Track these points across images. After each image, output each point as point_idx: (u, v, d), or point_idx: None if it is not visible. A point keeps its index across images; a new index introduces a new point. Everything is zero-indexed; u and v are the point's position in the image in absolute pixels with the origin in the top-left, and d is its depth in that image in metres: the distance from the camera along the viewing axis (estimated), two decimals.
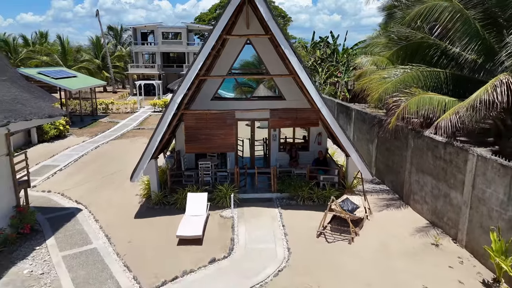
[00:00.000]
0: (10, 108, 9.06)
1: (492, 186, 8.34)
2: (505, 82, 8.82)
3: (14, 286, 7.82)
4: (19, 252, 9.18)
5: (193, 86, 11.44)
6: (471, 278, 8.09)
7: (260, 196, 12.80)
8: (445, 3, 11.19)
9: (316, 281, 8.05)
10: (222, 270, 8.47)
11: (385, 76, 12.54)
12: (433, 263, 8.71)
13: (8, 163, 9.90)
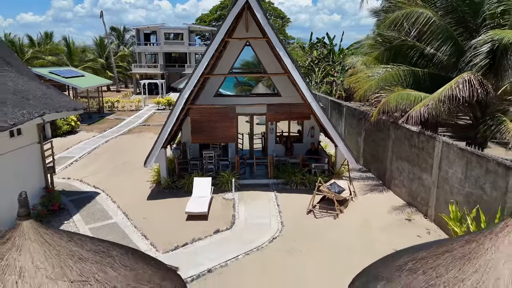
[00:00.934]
0: (43, 102, 10.58)
1: (453, 167, 9.87)
2: (467, 79, 10.35)
3: None
4: (51, 225, 10.69)
5: (198, 83, 12.96)
6: None
7: (258, 182, 14.32)
8: (421, 10, 12.70)
9: (304, 246, 9.57)
10: (225, 239, 10.00)
11: (370, 74, 14.06)
12: (404, 234, 10.24)
13: (39, 150, 11.43)
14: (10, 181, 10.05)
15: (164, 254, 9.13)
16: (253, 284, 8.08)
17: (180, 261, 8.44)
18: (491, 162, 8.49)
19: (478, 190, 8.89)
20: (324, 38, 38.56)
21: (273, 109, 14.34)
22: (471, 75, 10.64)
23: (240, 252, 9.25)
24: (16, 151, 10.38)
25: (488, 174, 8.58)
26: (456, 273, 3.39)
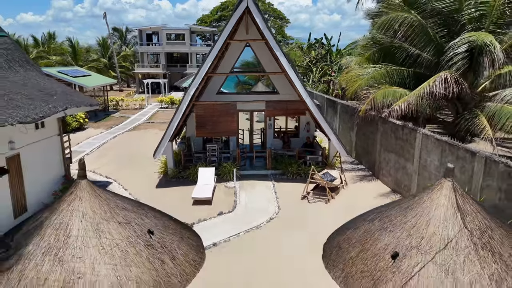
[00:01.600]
0: (64, 98, 11.79)
1: (431, 155, 11.08)
2: (444, 77, 11.56)
3: None
4: None
5: (203, 81, 14.18)
6: None
7: (257, 172, 15.52)
8: (405, 14, 13.91)
9: (297, 224, 10.78)
10: (227, 219, 11.22)
11: (360, 73, 15.29)
12: None
13: (59, 142, 12.65)
14: (37, 168, 11.27)
15: None
16: (252, 253, 9.29)
17: None
18: (460, 150, 9.71)
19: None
20: (322, 38, 39.79)
21: (271, 106, 15.55)
22: (448, 73, 11.86)
23: (241, 230, 10.47)
24: (40, 141, 11.59)
25: (458, 160, 9.79)
26: (401, 218, 4.61)
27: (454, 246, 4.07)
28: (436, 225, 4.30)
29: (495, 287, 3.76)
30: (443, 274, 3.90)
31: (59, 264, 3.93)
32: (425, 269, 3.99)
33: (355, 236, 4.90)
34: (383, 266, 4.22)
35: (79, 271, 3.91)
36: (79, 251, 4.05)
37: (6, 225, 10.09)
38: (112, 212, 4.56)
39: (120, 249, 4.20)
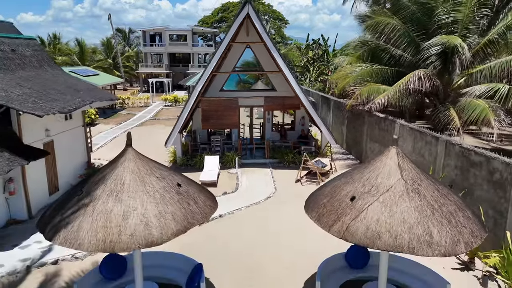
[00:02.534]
0: (89, 93, 13.58)
1: (406, 142, 12.86)
2: (417, 75, 13.34)
3: None
4: None
5: (208, 79, 15.94)
6: None
7: (257, 161, 17.30)
8: (388, 19, 15.69)
9: (290, 201, 12.56)
10: (231, 198, 13.00)
11: (348, 72, 17.05)
12: None
13: (83, 132, 14.43)
14: (66, 154, 13.05)
15: None
16: (252, 224, 11.07)
17: None
18: (428, 136, 11.49)
19: (420, 157, 11.88)
20: (319, 39, 41.56)
21: (269, 101, 17.33)
22: (422, 72, 13.63)
23: (242, 205, 12.26)
24: (69, 131, 13.37)
25: (426, 145, 11.56)
26: (359, 175, 6.40)
27: (393, 190, 5.84)
28: (382, 177, 6.08)
29: (417, 214, 5.52)
30: (383, 208, 5.67)
31: (119, 202, 5.71)
32: (372, 205, 5.76)
33: (326, 190, 6.68)
34: (344, 206, 5.99)
35: (134, 206, 5.68)
36: (132, 194, 5.82)
37: (43, 202, 11.88)
38: (151, 170, 6.34)
39: (159, 193, 5.97)
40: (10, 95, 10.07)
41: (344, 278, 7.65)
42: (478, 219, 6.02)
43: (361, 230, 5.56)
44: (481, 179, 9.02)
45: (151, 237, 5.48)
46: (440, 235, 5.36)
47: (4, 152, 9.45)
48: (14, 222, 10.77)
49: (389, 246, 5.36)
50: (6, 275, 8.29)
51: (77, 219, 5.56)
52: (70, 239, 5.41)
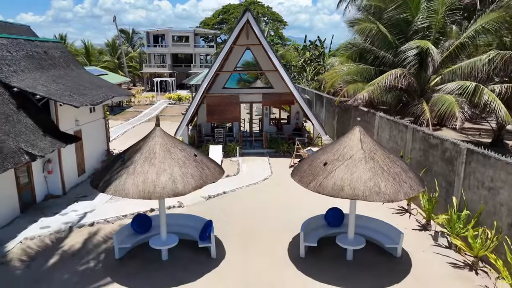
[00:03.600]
0: (110, 89, 15.63)
1: (384, 131, 14.92)
2: (394, 73, 15.40)
3: None
4: None
5: (213, 78, 17.99)
6: None
7: (256, 151, 19.36)
8: (372, 25, 17.75)
9: (284, 182, 14.61)
10: (233, 179, 15.06)
11: (337, 71, 19.11)
12: None
13: (104, 123, 16.48)
14: (91, 142, 15.11)
15: None
16: (251, 198, 13.13)
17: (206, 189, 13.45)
18: (400, 125, 13.54)
19: (395, 144, 13.94)
20: (316, 40, 43.63)
21: (267, 97, 19.40)
22: (399, 70, 15.69)
23: (243, 185, 14.33)
24: (93, 122, 15.43)
25: (399, 133, 13.62)
26: (331, 147, 8.47)
27: (354, 157, 7.90)
28: (347, 148, 8.13)
29: (370, 174, 7.57)
30: (346, 170, 7.72)
31: (153, 165, 7.76)
32: (339, 168, 7.81)
33: (307, 160, 8.74)
34: (319, 169, 8.05)
35: (163, 168, 7.73)
36: (162, 160, 7.88)
37: (73, 181, 13.95)
38: (174, 144, 8.41)
39: (181, 160, 8.03)
40: (50, 90, 12.14)
41: (323, 233, 9.70)
42: (418, 179, 8.09)
43: (330, 185, 7.63)
44: (437, 157, 11.08)
45: (177, 189, 7.55)
46: (386, 187, 7.42)
47: (47, 136, 11.50)
48: (51, 197, 12.83)
49: (349, 195, 7.43)
50: (54, 233, 10.36)
51: (122, 177, 7.63)
52: (119, 190, 7.47)
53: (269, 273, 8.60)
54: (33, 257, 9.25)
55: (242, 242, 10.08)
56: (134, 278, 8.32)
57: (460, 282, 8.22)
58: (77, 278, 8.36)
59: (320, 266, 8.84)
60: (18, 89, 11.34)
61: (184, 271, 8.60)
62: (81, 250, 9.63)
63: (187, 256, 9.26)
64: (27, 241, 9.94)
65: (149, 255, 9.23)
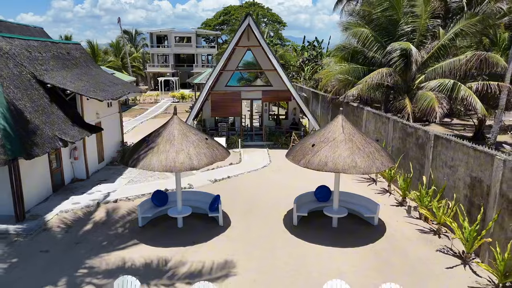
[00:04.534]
0: (124, 86, 17.40)
1: (370, 124, 16.70)
2: (381, 72, 17.18)
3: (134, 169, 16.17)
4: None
5: (217, 76, 19.77)
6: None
7: (256, 143, 21.16)
8: (362, 29, 19.53)
9: (281, 169, 16.40)
10: (236, 167, 16.85)
11: (330, 70, 20.89)
12: None
13: (119, 117, 18.27)
14: (108, 133, 16.89)
15: (202, 172, 15.95)
16: (252, 181, 14.91)
17: (212, 174, 15.29)
18: (383, 117, 15.33)
19: (379, 134, 15.73)
20: (314, 41, 45.43)
21: (266, 94, 21.19)
22: (385, 69, 17.47)
23: (245, 171, 16.12)
24: (110, 115, 17.22)
25: (382, 124, 15.40)
26: (318, 132, 10.27)
27: (336, 139, 9.68)
28: (331, 132, 9.92)
29: (349, 152, 9.35)
30: (330, 149, 9.51)
31: (173, 146, 9.54)
32: (323, 148, 9.59)
33: (299, 144, 10.53)
34: (308, 150, 9.83)
35: (181, 148, 9.52)
36: (180, 142, 9.66)
37: (94, 167, 15.73)
38: (189, 129, 10.19)
39: (195, 142, 9.82)
40: (77, 86, 13.92)
41: (313, 206, 11.49)
42: (389, 157, 9.89)
43: (316, 161, 9.41)
44: (412, 144, 12.86)
45: (192, 164, 9.35)
46: (361, 163, 9.21)
47: (75, 126, 13.29)
48: (77, 180, 14.62)
49: (331, 169, 9.22)
50: (84, 207, 12.16)
51: (148, 155, 9.43)
52: (146, 165, 9.27)
53: (267, 236, 10.39)
54: (70, 225, 11.05)
55: (244, 214, 11.87)
56: (156, 240, 10.11)
57: (424, 243, 10.01)
58: (109, 240, 10.15)
59: (310, 231, 10.63)
60: (51, 85, 13.12)
61: (197, 235, 10.40)
62: (109, 220, 11.43)
63: (199, 225, 11.06)
64: (62, 213, 11.74)
65: (167, 224, 11.02)
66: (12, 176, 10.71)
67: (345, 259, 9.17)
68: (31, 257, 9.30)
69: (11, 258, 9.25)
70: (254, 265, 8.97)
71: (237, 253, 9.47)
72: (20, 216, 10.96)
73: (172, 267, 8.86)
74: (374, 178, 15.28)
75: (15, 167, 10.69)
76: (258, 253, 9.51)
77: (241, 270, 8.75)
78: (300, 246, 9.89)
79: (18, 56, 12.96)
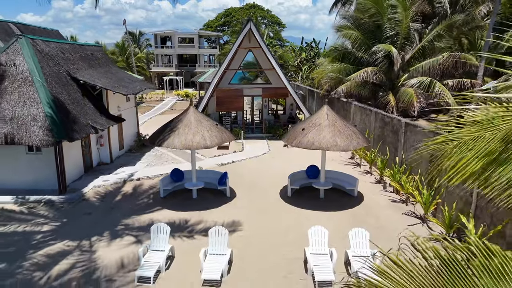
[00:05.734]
0: (140, 83, 19.75)
1: (357, 116, 19.05)
2: (366, 71, 19.53)
3: (150, 155, 18.53)
4: (144, 151, 19.86)
5: (221, 75, 22.12)
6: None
7: (256, 135, 23.51)
8: (353, 32, 21.87)
9: (279, 156, 18.75)
10: (238, 154, 19.20)
11: (323, 69, 23.24)
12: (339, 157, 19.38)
13: (135, 111, 20.62)
14: (127, 124, 19.23)
15: (210, 158, 18.30)
16: (253, 165, 17.26)
17: (219, 159, 17.65)
18: (367, 110, 17.67)
19: (364, 124, 18.07)
20: (312, 42, 47.77)
21: (266, 91, 23.55)
22: (370, 68, 19.81)
23: (247, 157, 18.48)
24: (128, 109, 19.56)
25: (367, 116, 17.74)
26: (307, 119, 12.65)
27: (322, 125, 12.03)
28: (318, 118, 12.26)
29: (331, 134, 11.69)
30: (316, 132, 11.85)
31: (190, 129, 11.89)
32: (311, 132, 11.93)
33: (292, 129, 12.88)
34: (299, 133, 12.17)
35: (197, 131, 11.87)
36: (196, 126, 12.01)
37: (117, 154, 18.08)
38: (203, 117, 12.55)
39: (208, 127, 12.16)
40: (103, 82, 16.27)
41: (303, 182, 13.82)
42: (364, 138, 12.23)
43: (305, 141, 11.76)
44: (389, 131, 15.21)
45: (206, 144, 11.70)
46: (341, 142, 11.55)
47: (103, 117, 15.63)
48: (102, 163, 16.97)
49: (317, 147, 11.56)
50: (113, 184, 14.51)
51: (171, 136, 11.78)
52: (169, 144, 11.61)
53: (266, 204, 12.74)
54: (104, 196, 13.41)
55: (247, 188, 14.22)
56: (176, 207, 12.46)
57: (393, 209, 12.36)
58: (138, 207, 12.51)
59: (301, 201, 12.97)
60: (83, 81, 15.46)
61: (209, 203, 12.75)
62: (135, 193, 13.79)
63: (210, 196, 13.41)
64: (96, 188, 14.10)
65: (184, 196, 13.37)
66: (57, 155, 13.06)
67: (328, 219, 11.51)
68: (77, 218, 11.65)
69: (62, 219, 11.61)
70: (255, 223, 11.32)
71: (242, 216, 11.80)
72: (63, 189, 13.31)
73: (191, 224, 11.21)
74: (358, 162, 17.64)
75: (60, 148, 13.04)
76: (258, 216, 11.86)
77: (245, 227, 11.10)
78: (293, 211, 12.23)
79: (55, 57, 15.30)
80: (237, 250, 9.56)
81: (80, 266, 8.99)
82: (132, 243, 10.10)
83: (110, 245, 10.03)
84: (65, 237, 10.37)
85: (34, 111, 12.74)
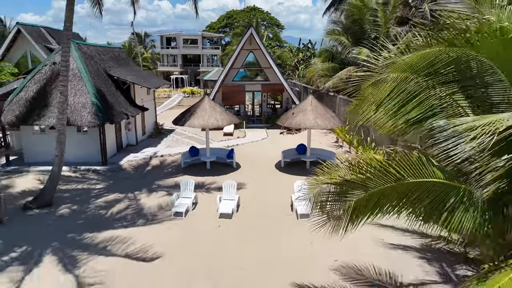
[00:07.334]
0: (157, 79, 23.35)
1: (341, 108, 22.68)
2: (349, 69, 23.14)
3: (168, 140, 22.15)
4: (162, 137, 23.48)
5: (227, 73, 25.74)
6: (331, 138, 22.46)
7: (257, 125, 27.13)
8: (338, 36, 25.47)
9: (276, 141, 22.36)
10: (241, 139, 22.83)
11: (315, 67, 26.87)
12: (326, 141, 23.00)
13: (154, 103, 24.25)
14: (147, 114, 22.84)
15: (217, 142, 21.91)
16: (254, 147, 20.87)
17: (226, 143, 21.27)
18: (348, 101, 21.28)
19: (346, 113, 21.66)
20: (308, 43, 51.36)
21: (265, 87, 27.21)
22: (352, 67, 23.42)
23: (249, 141, 22.11)
24: (149, 101, 23.17)
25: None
26: (297, 106, 16.31)
27: (307, 110, 15.63)
28: (304, 105, 15.88)
29: (314, 116, 15.28)
30: (302, 116, 15.45)
31: (206, 113, 15.48)
32: (298, 115, 15.54)
33: (285, 114, 16.51)
34: (289, 116, 15.78)
35: (211, 115, 15.48)
36: (210, 112, 15.61)
37: (140, 138, 21.69)
38: (215, 104, 16.18)
39: (219, 112, 15.77)
40: (131, 78, 19.88)
41: (293, 156, 17.42)
42: (340, 120, 15.83)
43: (294, 122, 15.37)
44: None
45: (218, 124, 15.33)
46: (321, 122, 15.15)
47: (131, 106, 19.24)
48: (129, 145, 20.59)
49: (303, 126, 15.16)
50: (142, 159, 18.14)
51: (192, 118, 15.38)
52: (190, 124, 15.23)
53: (264, 173, 16.36)
54: (137, 167, 17.04)
55: (250, 163, 17.84)
56: (195, 174, 16.06)
57: None
58: (165, 174, 16.13)
59: (291, 170, 16.57)
60: (117, 77, 19.07)
61: (219, 172, 16.36)
62: (161, 165, 17.42)
63: (220, 167, 17.01)
64: (129, 161, 17.73)
65: (200, 167, 16.98)
66: (100, 135, 16.67)
67: None
68: (120, 181, 15.28)
69: (109, 181, 15.24)
70: (256, 185, 14.93)
71: (246, 180, 15.40)
72: (105, 161, 16.93)
73: (207, 184, 14.84)
74: (341, 145, 21.25)
75: (103, 129, 16.65)
76: (258, 180, 15.47)
77: (248, 186, 14.70)
78: (285, 177, 15.84)
79: (94, 57, 18.92)
80: (243, 198, 13.17)
81: (131, 207, 12.62)
82: (165, 195, 13.72)
83: (149, 196, 13.66)
84: (115, 191, 14.00)
85: (83, 100, 16.35)
